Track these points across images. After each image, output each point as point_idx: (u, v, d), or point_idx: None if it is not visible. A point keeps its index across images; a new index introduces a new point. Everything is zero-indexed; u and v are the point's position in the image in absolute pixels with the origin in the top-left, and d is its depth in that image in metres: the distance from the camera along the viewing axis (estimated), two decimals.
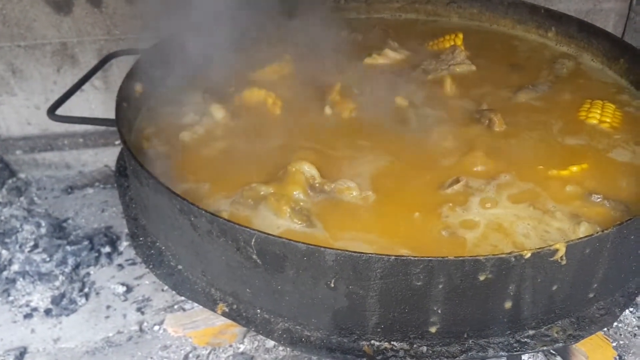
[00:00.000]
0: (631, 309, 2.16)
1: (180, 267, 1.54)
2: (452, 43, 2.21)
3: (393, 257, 1.20)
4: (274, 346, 1.99)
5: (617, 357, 1.98)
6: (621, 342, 2.04)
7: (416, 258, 1.20)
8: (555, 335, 1.37)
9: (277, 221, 1.49)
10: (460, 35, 2.22)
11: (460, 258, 1.20)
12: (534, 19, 2.35)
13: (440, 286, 1.23)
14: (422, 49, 2.25)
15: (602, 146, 1.75)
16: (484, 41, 2.26)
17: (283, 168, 1.62)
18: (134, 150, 1.54)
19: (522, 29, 2.39)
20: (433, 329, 1.31)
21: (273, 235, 1.25)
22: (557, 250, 1.23)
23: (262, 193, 1.55)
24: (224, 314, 1.44)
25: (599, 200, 1.54)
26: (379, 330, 1.32)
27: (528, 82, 2.04)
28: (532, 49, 2.30)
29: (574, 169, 1.64)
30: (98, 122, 1.75)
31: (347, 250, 1.22)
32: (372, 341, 1.34)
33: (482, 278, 1.22)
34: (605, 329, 2.08)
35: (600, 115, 1.84)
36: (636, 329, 2.09)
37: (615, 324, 2.11)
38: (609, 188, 1.59)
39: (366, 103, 1.90)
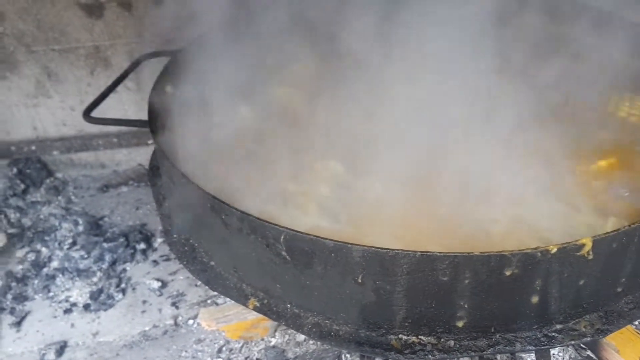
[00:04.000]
0: None
1: (212, 263, 1.59)
2: None
3: (419, 253, 1.22)
4: (305, 340, 2.03)
5: None
6: None
7: (442, 254, 1.21)
8: (584, 329, 1.37)
9: (304, 218, 1.51)
10: None
11: (486, 254, 1.21)
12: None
13: (467, 281, 1.25)
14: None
15: (631, 140, 1.73)
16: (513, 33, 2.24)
17: (310, 165, 1.65)
18: (166, 151, 1.59)
19: None
20: (460, 324, 1.33)
21: (301, 232, 1.28)
22: (583, 245, 1.23)
23: (290, 191, 1.59)
24: (255, 309, 1.47)
25: (627, 194, 1.53)
26: (406, 324, 1.34)
27: (557, 75, 2.01)
28: (560, 40, 2.27)
29: (602, 163, 1.63)
30: (131, 124, 1.80)
31: (373, 247, 1.24)
32: (400, 335, 1.36)
33: (508, 273, 1.23)
34: (637, 323, 2.06)
35: (629, 108, 1.82)
36: None
37: None
38: (637, 182, 1.58)
39: (393, 96, 1.91)
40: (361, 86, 1.97)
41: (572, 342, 1.36)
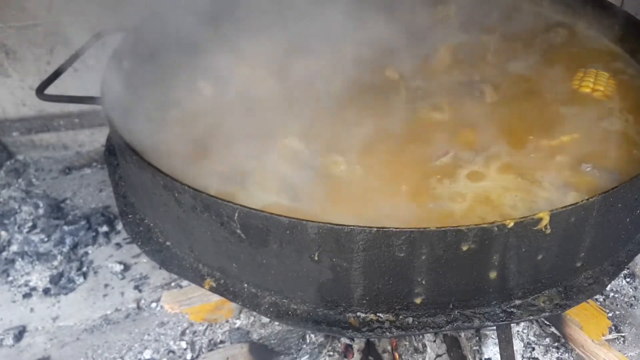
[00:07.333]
0: (628, 279, 2.15)
1: (168, 243, 1.55)
2: (445, 13, 2.17)
3: (375, 229, 1.19)
4: (270, 321, 2.00)
5: (612, 327, 1.98)
6: (617, 312, 2.03)
7: (398, 229, 1.19)
8: (542, 304, 1.36)
9: (264, 196, 1.48)
10: (453, 5, 2.18)
11: (442, 228, 1.19)
12: None
13: (424, 257, 1.22)
14: (414, 19, 2.21)
15: (594, 115, 1.72)
16: (477, 10, 2.22)
17: (271, 143, 1.61)
18: (120, 128, 1.53)
19: None
20: (418, 300, 1.31)
21: (255, 210, 1.25)
22: (540, 219, 1.22)
23: (249, 169, 1.55)
24: (211, 289, 1.44)
25: (588, 169, 1.52)
26: (364, 302, 1.32)
27: (521, 52, 2.00)
28: (527, 17, 2.26)
29: (565, 138, 1.62)
30: (85, 101, 1.74)
31: (329, 223, 1.21)
32: (358, 313, 1.34)
33: (465, 248, 1.21)
34: (601, 299, 2.07)
35: (594, 84, 1.81)
36: (632, 299, 2.08)
37: (611, 294, 2.10)
38: (599, 157, 1.57)
39: (356, 76, 1.88)
40: (326, 65, 1.93)
41: (531, 317, 1.35)
